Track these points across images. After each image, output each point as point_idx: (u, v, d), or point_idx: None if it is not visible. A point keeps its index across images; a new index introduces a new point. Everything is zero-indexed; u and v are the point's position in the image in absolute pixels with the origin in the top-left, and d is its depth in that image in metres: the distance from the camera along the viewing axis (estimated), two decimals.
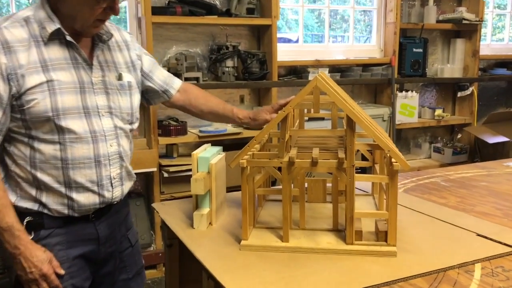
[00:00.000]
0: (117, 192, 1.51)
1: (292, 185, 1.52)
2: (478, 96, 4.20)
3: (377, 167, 1.68)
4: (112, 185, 1.48)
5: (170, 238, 1.69)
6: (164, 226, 1.69)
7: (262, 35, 3.50)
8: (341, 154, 1.34)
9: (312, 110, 1.52)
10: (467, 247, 1.39)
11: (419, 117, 4.08)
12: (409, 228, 1.52)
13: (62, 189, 1.40)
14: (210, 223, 1.58)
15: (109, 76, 1.47)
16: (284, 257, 1.33)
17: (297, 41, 3.94)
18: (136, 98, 1.59)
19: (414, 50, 3.83)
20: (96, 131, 1.42)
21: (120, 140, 1.50)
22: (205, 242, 1.44)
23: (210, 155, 1.60)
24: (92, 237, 1.50)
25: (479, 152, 4.14)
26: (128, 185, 1.58)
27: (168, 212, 1.72)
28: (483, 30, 4.17)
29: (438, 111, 4.06)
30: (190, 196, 1.65)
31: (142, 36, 3.11)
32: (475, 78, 4.14)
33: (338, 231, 1.46)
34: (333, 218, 1.48)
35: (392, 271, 1.24)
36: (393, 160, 1.31)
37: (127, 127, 1.54)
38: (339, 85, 3.66)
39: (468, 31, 4.13)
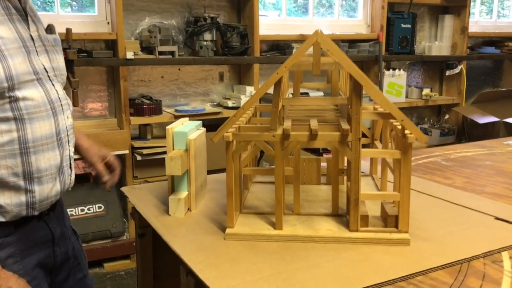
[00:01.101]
0: (73, 174, 1.28)
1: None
2: (465, 76, 4.05)
3: (377, 144, 1.48)
4: (71, 167, 1.25)
5: (142, 226, 1.46)
6: (135, 213, 1.46)
7: (243, 7, 3.25)
8: (345, 125, 1.13)
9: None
10: (488, 232, 1.20)
11: (406, 96, 3.90)
12: (418, 212, 1.32)
13: (21, 183, 1.13)
14: (188, 209, 1.35)
15: (41, 30, 1.21)
16: (277, 248, 1.11)
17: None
18: None
19: (403, 25, 3.63)
20: (53, 100, 1.17)
21: (71, 110, 1.27)
22: (183, 231, 1.21)
23: (188, 130, 1.37)
24: (46, 238, 1.24)
25: (467, 133, 4.00)
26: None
27: (140, 197, 1.49)
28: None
29: (426, 91, 3.89)
30: (166, 179, 1.42)
31: (111, 5, 2.84)
32: (464, 56, 3.97)
33: (339, 216, 1.26)
34: (333, 201, 1.27)
35: (407, 263, 1.04)
36: (406, 131, 1.10)
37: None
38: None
39: (457, 7, 3.96)
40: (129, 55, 2.75)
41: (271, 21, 3.56)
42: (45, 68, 1.17)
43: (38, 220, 1.21)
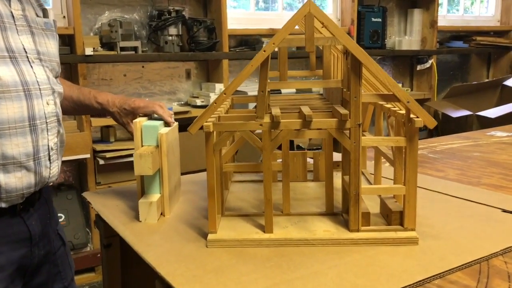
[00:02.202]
0: (54, 168, 1.15)
1: None
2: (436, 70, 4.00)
3: (367, 135, 1.35)
4: (50, 159, 1.12)
5: (108, 236, 1.28)
6: (100, 221, 1.28)
7: (209, 0, 3.08)
8: (343, 110, 0.98)
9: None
10: (499, 226, 1.08)
11: None
12: (419, 207, 1.18)
13: None
14: (162, 214, 1.18)
15: (29, 11, 1.13)
16: (270, 254, 0.96)
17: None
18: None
19: (373, 19, 3.55)
20: (28, 82, 1.06)
21: (56, 96, 1.16)
22: (156, 240, 1.04)
23: (158, 124, 1.20)
24: (22, 236, 1.12)
25: (439, 128, 3.95)
26: (61, 159, 1.21)
27: (104, 202, 1.31)
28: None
29: None
30: (134, 183, 1.24)
31: None
32: (434, 50, 3.93)
33: (334, 214, 1.11)
34: (327, 199, 1.13)
35: (420, 265, 0.90)
36: (412, 115, 0.97)
37: (57, 81, 1.19)
38: (295, 58, 3.33)
39: (425, 0, 3.91)
40: (88, 51, 2.54)
41: (240, 15, 3.40)
42: (24, 49, 1.08)
43: (12, 215, 1.09)
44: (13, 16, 1.07)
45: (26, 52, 1.08)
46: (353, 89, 0.95)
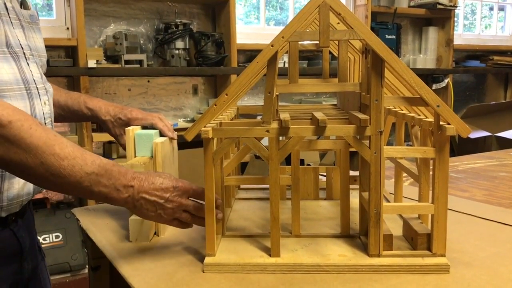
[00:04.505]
0: None
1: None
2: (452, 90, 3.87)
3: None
4: None
5: (96, 257, 1.15)
6: (88, 240, 1.15)
7: (218, 14, 3.00)
8: (362, 115, 0.85)
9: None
10: None
11: None
12: (448, 230, 1.05)
13: None
14: (155, 233, 1.05)
15: (14, 2, 1.04)
16: (276, 282, 0.82)
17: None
18: None
19: (387, 36, 3.43)
20: (28, 80, 0.98)
21: (49, 97, 1.07)
22: (146, 263, 0.91)
23: (153, 133, 1.08)
24: (13, 250, 1.02)
25: (455, 149, 3.79)
26: None
27: (94, 220, 1.19)
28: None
29: None
30: None
31: (70, 9, 2.54)
32: (450, 69, 3.80)
33: (350, 237, 0.97)
34: (342, 218, 0.99)
35: None
36: (442, 122, 0.84)
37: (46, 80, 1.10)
38: (306, 74, 3.21)
39: (441, 18, 3.80)
40: (91, 63, 2.44)
41: (249, 29, 3.31)
42: (20, 44, 0.99)
43: (3, 228, 0.99)
44: (6, 9, 0.98)
45: (22, 48, 1.00)
46: (374, 91, 0.82)
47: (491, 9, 4.59)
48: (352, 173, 1.15)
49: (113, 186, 0.82)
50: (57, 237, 2.57)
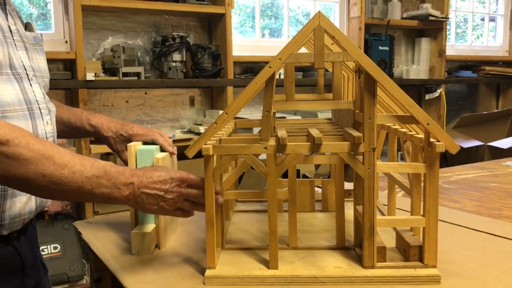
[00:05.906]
0: None
1: None
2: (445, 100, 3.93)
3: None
4: None
5: (99, 269, 1.18)
6: (90, 253, 1.18)
7: (214, 26, 3.04)
8: (356, 132, 0.89)
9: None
10: None
11: None
12: (439, 241, 1.08)
13: None
14: (156, 246, 1.08)
15: (19, 25, 1.07)
16: None
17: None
18: None
19: (380, 48, 3.49)
20: (31, 101, 1.01)
21: (52, 116, 1.09)
22: (149, 275, 0.94)
23: (154, 148, 1.12)
24: (15, 266, 1.02)
25: (448, 159, 3.84)
26: None
27: (96, 233, 1.21)
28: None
29: None
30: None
31: (69, 23, 2.58)
32: (442, 80, 3.86)
33: (346, 249, 1.01)
34: (337, 231, 1.03)
35: None
36: (432, 139, 0.88)
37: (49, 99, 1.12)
38: (301, 85, 3.26)
39: (433, 29, 3.87)
40: (89, 76, 2.48)
41: (245, 41, 3.36)
42: (23, 65, 1.02)
43: (5, 244, 1.00)
44: (11, 31, 1.01)
45: (25, 69, 1.03)
46: (367, 110, 0.86)
47: (482, 19, 4.66)
48: (347, 186, 1.19)
49: (113, 186, 0.85)
50: (55, 248, 2.59)
